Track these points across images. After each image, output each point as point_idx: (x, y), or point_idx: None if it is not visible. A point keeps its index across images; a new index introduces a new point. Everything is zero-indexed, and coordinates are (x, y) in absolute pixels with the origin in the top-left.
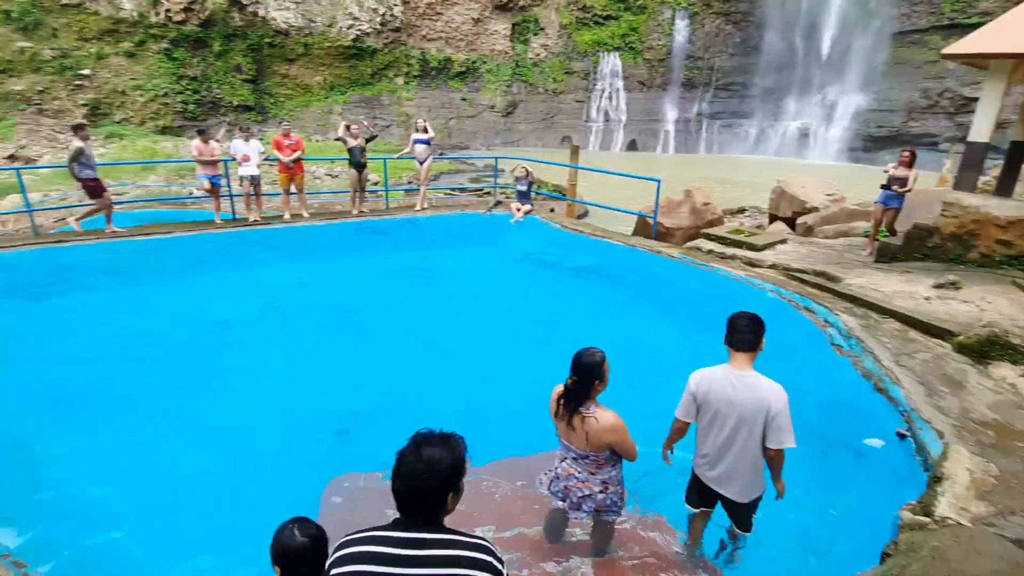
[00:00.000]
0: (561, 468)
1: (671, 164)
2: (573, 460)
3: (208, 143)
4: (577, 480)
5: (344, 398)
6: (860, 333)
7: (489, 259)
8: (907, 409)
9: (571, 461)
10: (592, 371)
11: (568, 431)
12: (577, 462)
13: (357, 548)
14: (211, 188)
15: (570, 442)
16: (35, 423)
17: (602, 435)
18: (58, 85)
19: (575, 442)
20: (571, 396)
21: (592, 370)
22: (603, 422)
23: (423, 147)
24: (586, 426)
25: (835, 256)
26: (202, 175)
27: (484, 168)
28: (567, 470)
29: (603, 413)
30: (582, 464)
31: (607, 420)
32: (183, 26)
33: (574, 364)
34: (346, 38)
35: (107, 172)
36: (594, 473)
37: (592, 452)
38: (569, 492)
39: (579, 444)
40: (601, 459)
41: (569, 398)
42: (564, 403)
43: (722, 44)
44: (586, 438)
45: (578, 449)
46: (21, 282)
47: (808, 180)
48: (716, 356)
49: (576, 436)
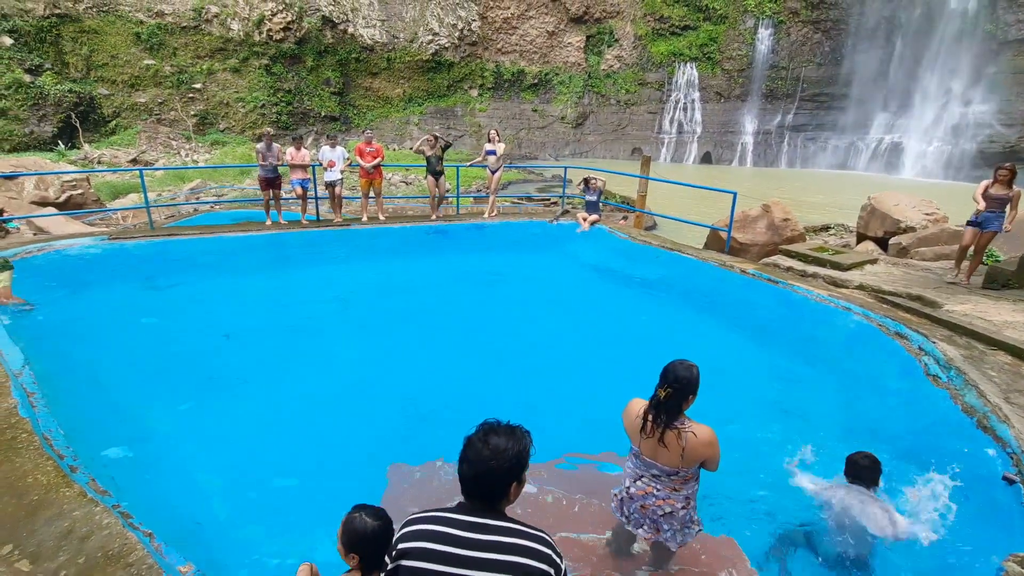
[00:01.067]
0: (636, 488)
1: (748, 177)
2: (653, 478)
3: (300, 150)
4: (657, 498)
5: (407, 391)
6: (962, 364)
7: (554, 267)
8: (1017, 451)
9: (649, 479)
10: (689, 384)
11: (656, 448)
12: (659, 479)
13: (423, 526)
14: (301, 192)
15: (656, 459)
16: (145, 392)
17: (700, 450)
18: (174, 98)
19: (664, 459)
20: (664, 410)
21: (690, 383)
22: (702, 436)
23: (493, 158)
24: (683, 441)
25: (934, 280)
26: (294, 180)
27: (552, 178)
28: (643, 489)
29: (699, 427)
30: (665, 481)
31: (705, 434)
32: (281, 44)
33: (669, 376)
34: (426, 53)
35: (210, 175)
36: (678, 490)
37: (683, 468)
38: (647, 512)
39: (670, 461)
40: (689, 474)
41: (661, 411)
42: (655, 418)
43: (809, 53)
44: (682, 454)
45: (667, 466)
46: (140, 269)
47: (903, 197)
48: (787, 376)
49: (668, 453)
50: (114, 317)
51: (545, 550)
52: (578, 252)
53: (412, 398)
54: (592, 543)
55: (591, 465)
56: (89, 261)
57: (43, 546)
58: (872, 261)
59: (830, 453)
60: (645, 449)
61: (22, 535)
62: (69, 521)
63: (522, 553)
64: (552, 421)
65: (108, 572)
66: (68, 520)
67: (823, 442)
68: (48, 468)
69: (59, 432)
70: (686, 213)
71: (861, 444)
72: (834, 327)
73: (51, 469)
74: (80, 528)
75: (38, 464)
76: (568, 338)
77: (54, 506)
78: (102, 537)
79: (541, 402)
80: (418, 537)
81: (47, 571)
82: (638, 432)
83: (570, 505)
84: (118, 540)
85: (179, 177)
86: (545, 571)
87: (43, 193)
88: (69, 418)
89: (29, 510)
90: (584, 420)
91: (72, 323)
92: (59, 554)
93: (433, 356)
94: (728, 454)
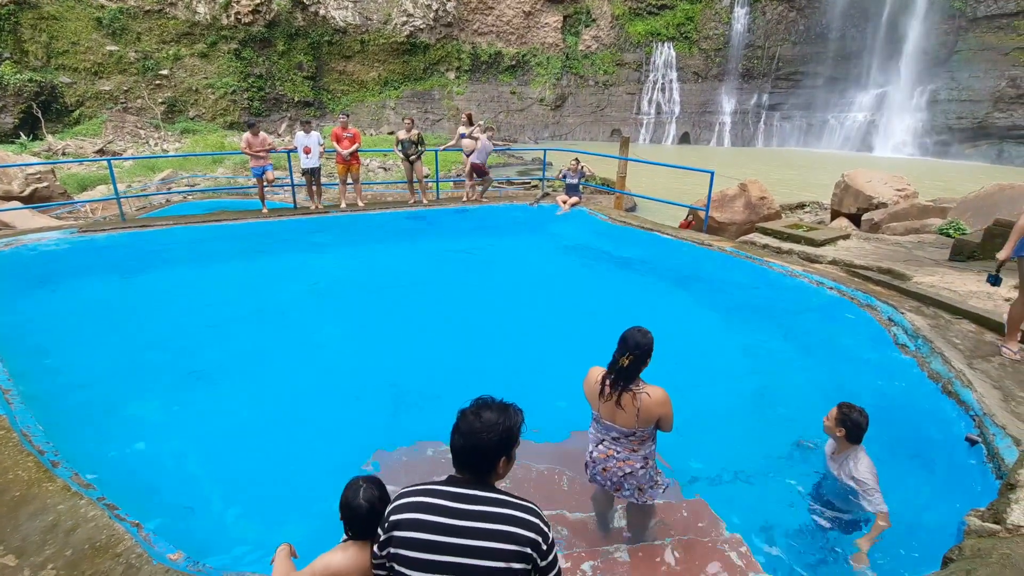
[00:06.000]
0: (597, 452)
1: (726, 157)
2: (613, 440)
3: (258, 136)
4: (617, 460)
5: (388, 375)
6: (928, 333)
7: (535, 249)
8: (979, 413)
9: (610, 442)
10: (646, 350)
11: (614, 410)
12: (618, 441)
13: (415, 498)
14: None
15: (614, 421)
16: (124, 385)
17: (654, 409)
18: (140, 85)
19: (621, 421)
20: (622, 375)
21: (646, 349)
22: (655, 396)
23: (468, 142)
24: (637, 402)
25: (904, 253)
26: (255, 169)
27: (532, 161)
28: (604, 452)
29: (652, 388)
30: (623, 443)
31: (658, 394)
32: (251, 27)
33: (627, 343)
34: (400, 34)
35: (180, 164)
36: (636, 450)
37: (639, 428)
38: (608, 473)
39: (626, 422)
40: (645, 434)
41: (620, 377)
42: (612, 382)
43: (784, 32)
44: (636, 415)
45: (623, 427)
46: (113, 262)
47: (875, 174)
48: (761, 350)
49: (624, 415)
50: (88, 311)
51: (532, 519)
52: (558, 234)
53: (397, 383)
54: (576, 518)
55: (573, 440)
56: (60, 255)
57: (28, 540)
58: (845, 237)
59: (803, 421)
60: (604, 412)
61: (6, 531)
62: (54, 515)
63: (510, 522)
64: (536, 399)
65: (96, 563)
66: (52, 514)
67: (797, 410)
68: (29, 464)
69: (38, 428)
70: (665, 195)
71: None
72: (809, 301)
73: (32, 465)
74: (65, 521)
75: (18, 460)
76: (548, 318)
77: (37, 501)
78: (88, 529)
79: (525, 381)
80: (409, 509)
81: (34, 565)
82: (597, 397)
83: (557, 480)
84: (105, 531)
85: (149, 167)
86: (533, 539)
87: (6, 187)
88: (47, 414)
89: (11, 506)
90: (569, 397)
91: (45, 319)
92: (45, 548)
93: (416, 340)
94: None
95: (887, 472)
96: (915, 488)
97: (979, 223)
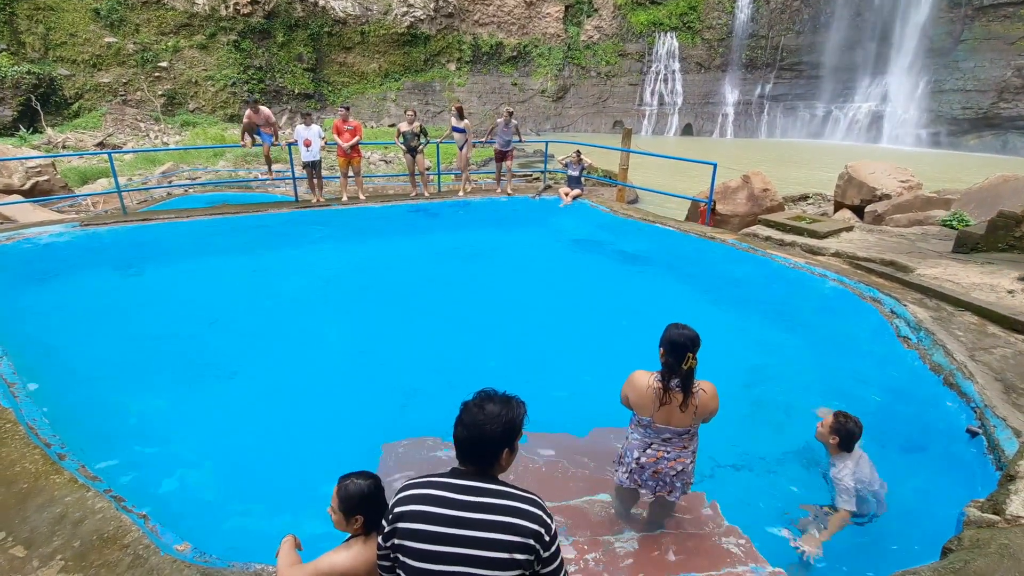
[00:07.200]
0: (645, 456)
1: (729, 149)
2: (664, 442)
3: (259, 112)
4: (668, 460)
5: (395, 369)
6: (931, 325)
7: (537, 242)
8: (980, 405)
9: (659, 444)
10: (699, 346)
11: (671, 413)
12: (669, 442)
13: (418, 490)
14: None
15: (670, 423)
16: (128, 378)
17: (711, 403)
18: (139, 77)
19: (677, 421)
20: (690, 377)
21: (699, 343)
22: (710, 391)
23: (459, 135)
24: (696, 400)
25: (907, 246)
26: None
27: (534, 154)
28: (654, 455)
29: (705, 383)
30: (675, 443)
31: (712, 388)
32: (250, 18)
33: (688, 345)
34: (400, 25)
35: (181, 157)
36: (686, 447)
37: (694, 425)
38: (660, 475)
39: (683, 422)
40: (695, 430)
41: (687, 380)
42: (683, 387)
43: (789, 22)
44: (695, 412)
45: (678, 427)
46: (116, 255)
47: (879, 165)
48: (763, 342)
49: (682, 415)
50: (91, 305)
51: (535, 511)
52: (560, 226)
53: (401, 375)
54: (581, 506)
55: (575, 431)
56: (62, 249)
57: (37, 532)
58: (848, 229)
59: (807, 414)
60: (660, 417)
61: (14, 522)
62: (61, 507)
63: (513, 514)
64: (540, 391)
65: (105, 554)
66: (60, 506)
67: (801, 403)
68: (36, 456)
69: (44, 421)
70: (668, 187)
71: (836, 405)
72: (811, 293)
73: (39, 457)
74: (73, 513)
75: (25, 453)
76: (551, 311)
77: (45, 493)
78: (96, 521)
79: (528, 373)
80: (413, 501)
81: (43, 556)
82: (651, 402)
83: (562, 472)
84: (112, 523)
85: (150, 160)
86: (535, 530)
87: (6, 180)
88: (53, 407)
89: (19, 498)
90: (572, 390)
91: (48, 313)
92: (53, 539)
93: (419, 333)
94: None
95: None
96: (915, 479)
97: (983, 215)
